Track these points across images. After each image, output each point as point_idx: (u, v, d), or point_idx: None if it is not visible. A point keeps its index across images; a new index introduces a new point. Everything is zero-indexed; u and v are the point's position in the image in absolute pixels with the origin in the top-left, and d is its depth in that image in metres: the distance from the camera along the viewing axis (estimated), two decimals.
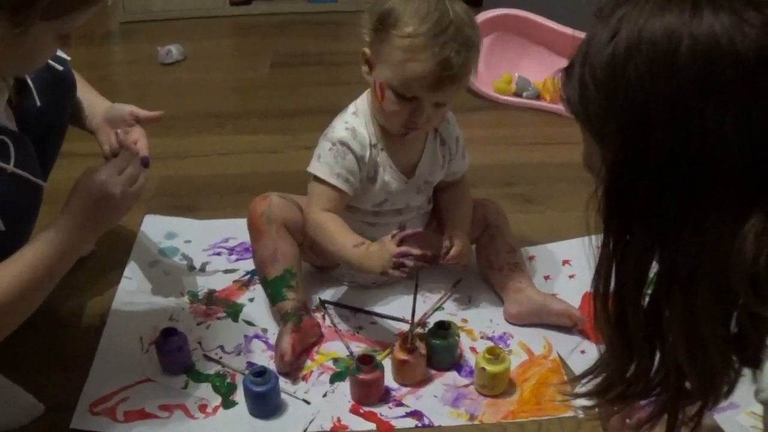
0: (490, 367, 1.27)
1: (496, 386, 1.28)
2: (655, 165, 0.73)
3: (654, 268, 0.77)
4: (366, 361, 1.26)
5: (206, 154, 2.11)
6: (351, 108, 1.42)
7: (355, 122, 1.40)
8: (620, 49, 0.73)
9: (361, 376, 1.25)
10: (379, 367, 1.27)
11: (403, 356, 1.29)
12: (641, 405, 0.94)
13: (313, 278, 1.55)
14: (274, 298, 1.42)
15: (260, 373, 1.24)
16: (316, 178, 1.39)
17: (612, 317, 0.81)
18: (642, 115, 0.72)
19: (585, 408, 0.91)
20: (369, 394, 1.27)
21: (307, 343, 1.38)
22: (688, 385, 0.81)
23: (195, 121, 2.30)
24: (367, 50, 1.34)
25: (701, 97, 0.70)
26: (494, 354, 1.27)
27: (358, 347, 1.39)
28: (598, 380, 0.87)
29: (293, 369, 1.33)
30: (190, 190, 1.92)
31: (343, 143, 1.37)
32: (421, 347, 1.31)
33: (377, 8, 1.31)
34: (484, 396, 1.29)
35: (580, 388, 0.91)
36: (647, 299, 0.79)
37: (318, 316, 1.46)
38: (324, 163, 1.38)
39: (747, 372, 0.80)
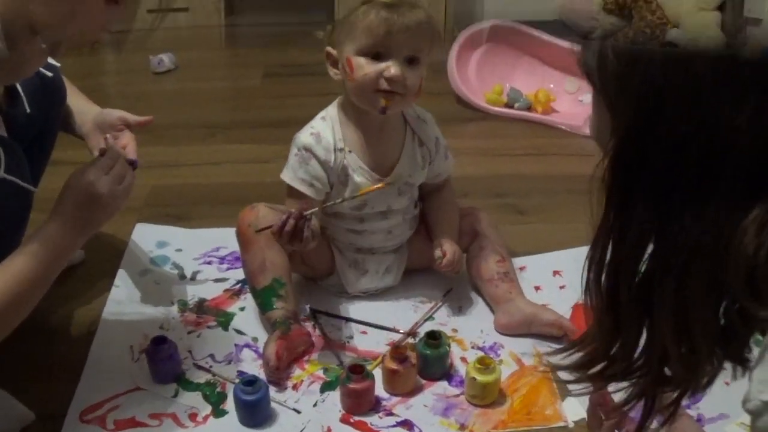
0: (480, 377, 1.27)
1: (486, 396, 1.28)
2: (664, 143, 0.72)
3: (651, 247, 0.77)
4: (357, 370, 1.26)
5: (197, 164, 2.11)
6: (321, 114, 1.46)
7: (321, 127, 1.42)
8: None
9: (352, 386, 1.25)
10: (370, 376, 1.27)
11: (393, 366, 1.29)
12: (631, 416, 0.94)
13: (303, 288, 1.55)
14: (263, 307, 1.42)
15: (251, 382, 1.24)
16: (288, 187, 1.43)
17: (604, 292, 0.81)
18: (658, 93, 0.72)
19: (566, 382, 0.90)
20: (360, 403, 1.27)
21: (295, 351, 1.37)
22: (668, 371, 0.81)
23: (186, 131, 2.31)
24: (329, 48, 1.41)
25: (719, 86, 0.70)
26: (485, 364, 1.28)
27: (349, 357, 1.39)
28: (581, 354, 0.87)
29: (281, 377, 1.32)
30: (181, 199, 1.92)
31: (307, 149, 1.40)
32: (412, 357, 1.31)
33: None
34: (475, 406, 1.29)
35: (563, 361, 0.90)
36: (641, 277, 0.79)
37: (308, 325, 1.46)
38: (290, 168, 1.42)
39: (739, 384, 0.80)
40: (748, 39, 2.95)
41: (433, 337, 1.34)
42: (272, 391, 1.29)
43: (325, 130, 1.42)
